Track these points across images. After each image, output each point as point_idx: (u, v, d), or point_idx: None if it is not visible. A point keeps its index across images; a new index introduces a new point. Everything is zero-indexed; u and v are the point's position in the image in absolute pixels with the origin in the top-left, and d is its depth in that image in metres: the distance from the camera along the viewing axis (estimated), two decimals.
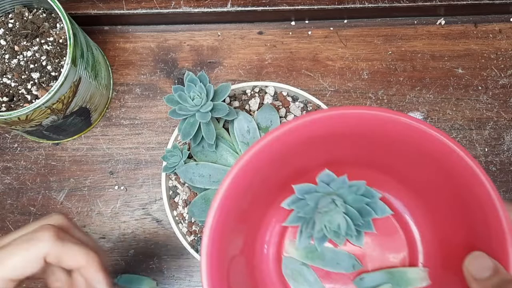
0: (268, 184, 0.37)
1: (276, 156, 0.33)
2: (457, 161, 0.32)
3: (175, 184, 0.50)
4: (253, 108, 0.51)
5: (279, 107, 0.51)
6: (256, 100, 0.51)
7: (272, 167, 0.34)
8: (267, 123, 0.47)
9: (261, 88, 0.51)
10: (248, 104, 0.51)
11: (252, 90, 0.51)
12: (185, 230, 0.49)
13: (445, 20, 0.58)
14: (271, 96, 0.51)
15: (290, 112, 0.51)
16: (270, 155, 0.33)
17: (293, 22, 0.58)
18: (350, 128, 0.33)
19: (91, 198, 0.55)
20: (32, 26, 0.48)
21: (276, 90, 0.51)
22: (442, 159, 0.33)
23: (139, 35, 0.58)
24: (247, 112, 0.50)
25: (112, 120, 0.57)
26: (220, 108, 0.42)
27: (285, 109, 0.51)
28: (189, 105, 0.41)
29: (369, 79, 0.57)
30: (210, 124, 0.43)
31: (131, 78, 0.57)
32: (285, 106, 0.51)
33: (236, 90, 0.51)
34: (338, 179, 0.34)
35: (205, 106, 0.41)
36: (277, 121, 0.47)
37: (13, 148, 0.56)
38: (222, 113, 0.42)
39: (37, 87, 0.47)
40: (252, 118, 0.46)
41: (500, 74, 0.57)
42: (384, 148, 0.36)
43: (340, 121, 0.33)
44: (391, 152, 0.36)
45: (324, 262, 0.39)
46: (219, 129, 0.46)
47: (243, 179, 0.33)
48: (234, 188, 0.32)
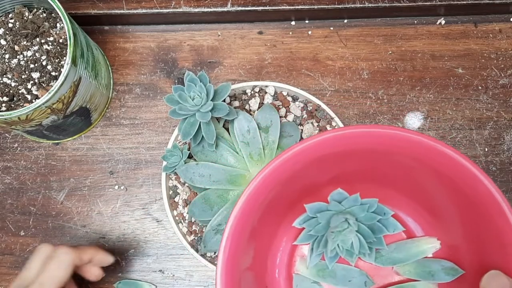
0: (279, 203, 0.37)
1: (288, 175, 0.34)
2: (478, 186, 0.32)
3: (175, 184, 0.50)
4: (253, 108, 0.51)
5: (279, 107, 0.51)
6: (256, 100, 0.51)
7: (284, 186, 0.35)
8: (267, 123, 0.47)
9: (261, 88, 0.51)
10: (248, 104, 0.51)
11: (252, 90, 0.51)
12: (185, 230, 0.49)
13: (445, 20, 0.58)
14: (271, 96, 0.51)
15: (290, 112, 0.51)
16: (284, 174, 0.33)
17: (293, 22, 0.58)
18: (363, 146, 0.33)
19: (91, 198, 0.55)
20: (32, 26, 0.48)
21: (276, 90, 0.51)
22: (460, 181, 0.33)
23: (139, 35, 0.58)
24: (247, 112, 0.50)
25: (112, 120, 0.57)
26: (220, 108, 0.42)
27: (285, 109, 0.51)
28: (189, 105, 0.41)
29: (369, 79, 0.57)
30: (210, 124, 0.43)
31: (131, 78, 0.57)
32: (285, 106, 0.51)
33: (236, 90, 0.51)
34: (350, 197, 0.35)
35: (205, 106, 0.41)
36: (277, 120, 0.47)
37: (13, 148, 0.56)
38: (222, 113, 0.42)
39: (37, 87, 0.47)
40: (252, 118, 0.46)
41: (500, 74, 0.57)
42: (396, 166, 0.35)
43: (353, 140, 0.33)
44: (404, 170, 0.36)
45: (336, 280, 0.39)
46: (219, 129, 0.46)
47: (257, 198, 0.33)
48: (249, 206, 0.33)
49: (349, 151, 0.34)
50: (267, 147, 0.46)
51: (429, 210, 0.39)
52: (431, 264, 0.38)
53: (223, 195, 0.45)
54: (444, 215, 0.37)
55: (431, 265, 0.38)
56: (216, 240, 0.45)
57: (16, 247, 0.54)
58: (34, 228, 0.54)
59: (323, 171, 0.36)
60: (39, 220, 0.54)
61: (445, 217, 0.38)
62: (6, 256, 0.54)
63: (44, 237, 0.54)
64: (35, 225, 0.54)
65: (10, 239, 0.54)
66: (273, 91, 0.51)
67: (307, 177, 0.36)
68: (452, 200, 0.35)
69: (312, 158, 0.33)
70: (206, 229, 0.45)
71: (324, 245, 0.36)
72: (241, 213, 0.32)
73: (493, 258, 0.33)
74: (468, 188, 0.33)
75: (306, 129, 0.50)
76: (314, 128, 0.51)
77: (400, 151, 0.33)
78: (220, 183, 0.45)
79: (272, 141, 0.46)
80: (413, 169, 0.35)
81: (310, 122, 0.51)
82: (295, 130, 0.49)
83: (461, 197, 0.34)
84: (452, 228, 0.37)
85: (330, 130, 0.33)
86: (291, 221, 0.36)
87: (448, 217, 0.37)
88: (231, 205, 0.45)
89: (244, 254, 0.34)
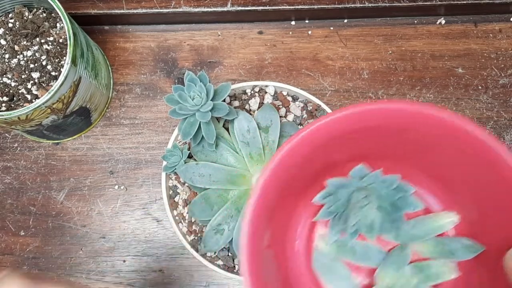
0: (299, 179, 0.36)
1: (310, 150, 0.33)
2: (501, 162, 0.31)
3: (175, 184, 0.50)
4: (253, 107, 0.51)
5: (279, 107, 0.50)
6: (256, 100, 0.51)
7: (306, 161, 0.34)
8: (267, 122, 0.47)
9: (261, 87, 0.51)
10: (248, 104, 0.51)
11: (252, 90, 0.51)
12: (185, 230, 0.49)
13: (445, 19, 0.58)
14: (271, 96, 0.51)
15: (290, 111, 0.51)
16: (307, 148, 0.33)
17: (293, 21, 0.58)
18: (386, 122, 0.33)
19: (91, 197, 0.55)
20: (32, 26, 0.48)
21: (276, 90, 0.51)
22: (483, 157, 0.32)
23: (139, 35, 0.58)
24: (247, 111, 0.50)
25: (112, 119, 0.57)
26: (220, 107, 0.42)
27: (285, 109, 0.51)
28: (189, 105, 0.41)
29: (369, 79, 0.57)
30: (210, 124, 0.43)
31: (131, 77, 0.57)
32: (285, 106, 0.51)
33: (236, 89, 0.51)
34: (371, 173, 0.35)
35: (205, 106, 0.41)
36: (277, 120, 0.47)
37: (13, 148, 0.56)
38: (222, 113, 0.42)
39: (37, 86, 0.47)
40: (252, 117, 0.46)
41: (500, 73, 0.57)
42: (418, 142, 0.35)
43: (377, 115, 0.32)
44: (426, 146, 0.35)
45: (355, 257, 0.38)
46: (219, 128, 0.46)
47: (279, 174, 0.33)
48: (271, 182, 0.32)
49: (371, 127, 0.33)
50: (267, 147, 0.46)
51: (448, 187, 0.38)
52: (450, 242, 0.37)
53: (223, 195, 0.45)
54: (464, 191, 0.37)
55: (450, 243, 0.37)
56: (216, 240, 0.45)
57: (16, 247, 0.54)
58: (34, 228, 0.54)
59: (345, 147, 0.36)
60: (39, 220, 0.54)
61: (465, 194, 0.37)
62: (6, 256, 0.54)
63: (44, 237, 0.54)
64: (35, 225, 0.54)
65: (10, 239, 0.54)
66: (273, 91, 0.51)
67: (328, 154, 0.35)
68: (474, 176, 0.35)
69: (334, 134, 0.33)
70: (206, 229, 0.45)
71: (344, 222, 0.36)
72: (264, 186, 0.32)
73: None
74: (491, 164, 0.32)
75: None
76: None
77: (424, 128, 0.33)
78: (220, 183, 0.45)
79: (272, 141, 0.46)
80: (435, 146, 0.34)
81: (310, 122, 0.50)
82: (295, 130, 0.49)
83: (483, 172, 0.33)
84: (473, 204, 0.37)
85: (353, 105, 0.32)
86: (310, 198, 0.36)
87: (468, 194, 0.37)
88: (232, 205, 0.45)
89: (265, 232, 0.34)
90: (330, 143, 0.33)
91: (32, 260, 0.54)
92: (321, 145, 0.33)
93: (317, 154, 0.34)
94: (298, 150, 0.33)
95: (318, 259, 0.38)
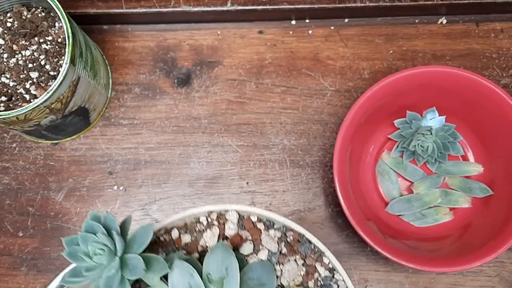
0: (377, 114, 0.50)
1: (390, 92, 0.48)
2: None
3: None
4: (210, 243, 0.38)
5: (245, 240, 0.38)
6: (214, 232, 0.38)
7: (387, 98, 0.49)
8: (221, 272, 0.33)
9: (220, 213, 0.39)
10: (203, 239, 0.38)
11: (209, 217, 0.39)
12: None
13: (446, 19, 0.58)
14: (233, 225, 0.38)
15: (263, 245, 0.38)
16: (387, 91, 0.48)
17: (293, 21, 0.58)
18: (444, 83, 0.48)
19: (90, 198, 0.55)
20: (31, 25, 0.48)
21: (240, 215, 0.39)
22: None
23: (138, 34, 0.58)
24: (202, 252, 0.37)
25: (111, 120, 0.56)
26: (133, 265, 0.30)
27: (253, 243, 0.38)
28: (86, 267, 0.30)
29: (370, 79, 0.56)
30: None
31: (130, 77, 0.57)
32: (254, 238, 0.38)
33: (187, 218, 0.39)
34: (438, 117, 0.51)
35: (109, 267, 0.29)
36: (236, 267, 0.33)
37: (11, 148, 0.56)
38: (137, 273, 0.30)
39: (36, 86, 0.47)
40: (195, 269, 0.33)
41: (502, 73, 0.56)
42: (469, 102, 0.49)
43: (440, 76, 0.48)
44: (474, 106, 0.49)
45: (406, 172, 0.53)
46: (153, 286, 0.33)
47: (365, 105, 0.48)
48: (361, 108, 0.47)
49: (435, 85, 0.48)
50: None
51: (483, 143, 0.52)
52: (472, 183, 0.52)
53: None
54: (495, 148, 0.50)
55: (472, 183, 0.52)
56: None
57: (15, 248, 0.54)
58: (32, 228, 0.54)
59: (415, 96, 0.50)
60: (37, 221, 0.54)
61: (495, 151, 0.50)
62: (4, 257, 0.54)
63: (42, 237, 0.54)
64: (34, 225, 0.54)
65: (8, 240, 0.54)
66: (236, 217, 0.39)
67: (404, 98, 0.50)
68: (503, 138, 0.49)
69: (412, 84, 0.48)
70: None
71: (408, 145, 0.51)
72: (354, 114, 0.47)
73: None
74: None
75: (287, 271, 0.38)
76: (299, 269, 0.38)
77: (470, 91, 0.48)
78: None
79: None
80: (479, 106, 0.49)
81: (292, 260, 0.38)
82: (268, 274, 0.35)
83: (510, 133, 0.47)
84: (499, 161, 0.50)
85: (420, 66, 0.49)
86: (387, 125, 0.53)
87: (498, 152, 0.50)
88: None
89: (348, 147, 0.48)
90: (407, 90, 0.49)
91: (31, 261, 0.53)
92: (401, 91, 0.49)
93: (395, 97, 0.49)
94: (382, 91, 0.48)
95: (380, 165, 0.54)
